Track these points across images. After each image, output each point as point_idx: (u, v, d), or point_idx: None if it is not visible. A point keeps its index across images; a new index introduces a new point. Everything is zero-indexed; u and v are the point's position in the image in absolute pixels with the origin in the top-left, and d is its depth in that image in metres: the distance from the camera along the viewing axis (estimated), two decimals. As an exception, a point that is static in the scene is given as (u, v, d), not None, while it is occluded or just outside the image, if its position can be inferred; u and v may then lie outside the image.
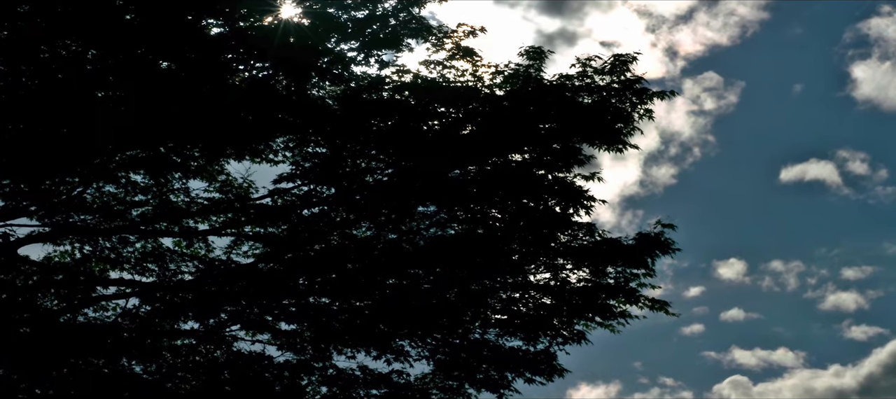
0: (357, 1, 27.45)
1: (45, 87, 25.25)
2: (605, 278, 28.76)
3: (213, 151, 27.77)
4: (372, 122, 27.65)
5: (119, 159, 27.35)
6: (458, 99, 27.87)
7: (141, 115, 25.73)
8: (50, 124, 25.32)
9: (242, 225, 28.76)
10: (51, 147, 25.71)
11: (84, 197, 27.96)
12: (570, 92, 28.01)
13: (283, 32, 26.38)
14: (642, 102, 28.18)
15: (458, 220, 28.47)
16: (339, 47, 27.52)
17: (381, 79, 28.02)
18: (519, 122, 27.67)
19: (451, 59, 28.29)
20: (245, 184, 28.93)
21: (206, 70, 26.15)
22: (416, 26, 27.98)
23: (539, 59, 28.20)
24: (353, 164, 28.12)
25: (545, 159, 28.21)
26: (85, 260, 28.89)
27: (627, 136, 28.44)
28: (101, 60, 25.84)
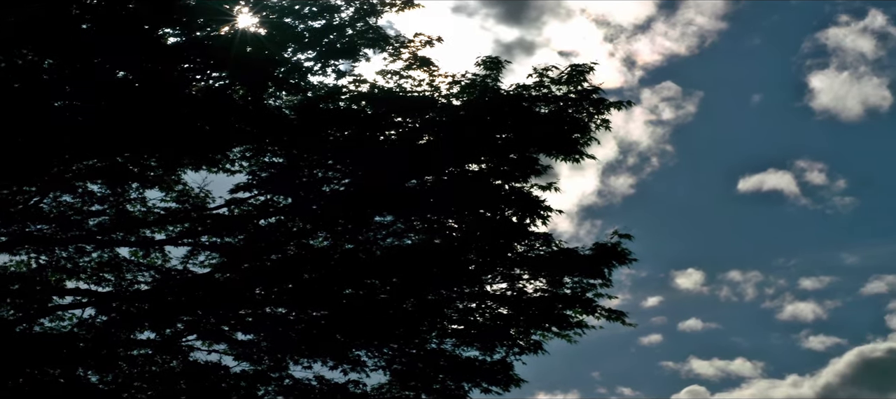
0: (314, 11, 27.85)
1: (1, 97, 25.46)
2: (561, 288, 29.14)
3: (170, 161, 28.04)
4: (329, 132, 28.00)
5: (76, 169, 27.56)
6: (415, 109, 28.30)
7: (98, 125, 26.00)
8: (6, 134, 25.53)
9: (199, 235, 29.03)
10: (7, 157, 25.92)
11: (40, 206, 28.18)
12: (526, 102, 28.43)
13: (240, 42, 26.72)
14: (599, 112, 28.57)
15: (414, 230, 28.84)
16: (296, 57, 27.91)
17: (338, 88, 28.41)
18: (476, 132, 28.07)
19: (409, 68, 28.74)
20: (202, 194, 29.20)
21: (163, 79, 26.44)
22: (373, 36, 28.41)
23: (496, 69, 28.65)
24: (309, 174, 28.43)
25: (502, 169, 28.61)
26: (41, 269, 29.07)
27: (584, 146, 28.85)
28: (58, 70, 26.08)
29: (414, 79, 28.70)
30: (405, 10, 28.80)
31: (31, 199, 27.90)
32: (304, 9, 27.81)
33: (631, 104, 28.89)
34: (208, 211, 29.19)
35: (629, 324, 29.49)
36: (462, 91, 28.60)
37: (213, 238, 29.04)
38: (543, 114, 28.50)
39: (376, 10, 28.42)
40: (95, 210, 28.78)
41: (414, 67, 28.70)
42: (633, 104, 29.20)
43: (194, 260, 29.25)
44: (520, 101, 28.36)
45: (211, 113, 26.89)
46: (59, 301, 28.93)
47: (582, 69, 28.45)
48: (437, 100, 28.47)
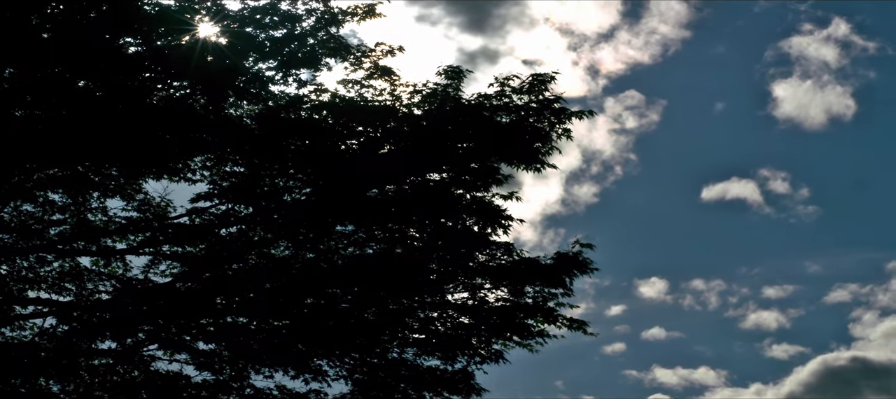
0: (275, 20, 28.23)
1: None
2: (523, 298, 29.48)
3: (132, 171, 28.32)
4: (290, 142, 28.32)
5: (36, 178, 27.85)
6: (377, 118, 28.67)
7: (58, 134, 26.27)
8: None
9: (160, 244, 29.31)
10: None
11: (1, 216, 28.46)
12: (488, 111, 28.77)
13: (201, 51, 27.07)
14: (561, 122, 28.88)
15: (376, 239, 29.18)
16: (257, 66, 28.29)
17: (300, 98, 28.75)
18: (437, 142, 28.43)
19: (370, 78, 29.14)
20: (163, 203, 29.54)
21: (124, 89, 26.72)
22: (334, 46, 28.79)
23: (457, 79, 29.01)
24: (271, 184, 28.74)
25: (463, 179, 28.96)
26: (2, 279, 29.26)
27: (546, 155, 29.15)
28: (18, 79, 26.34)
29: (375, 88, 29.07)
30: (367, 19, 29.19)
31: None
32: (265, 18, 28.18)
33: (593, 114, 29.25)
34: (169, 220, 29.50)
35: (591, 333, 29.87)
36: (423, 100, 28.97)
37: (175, 247, 29.34)
38: (504, 123, 28.84)
39: (338, 20, 28.78)
40: (56, 219, 29.13)
41: (375, 77, 29.09)
42: (596, 114, 29.59)
43: (155, 269, 29.54)
44: (481, 111, 28.70)
45: (172, 122, 27.16)
46: (20, 310, 29.28)
47: (543, 79, 28.81)
48: (399, 109, 28.83)
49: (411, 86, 29.02)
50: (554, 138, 28.98)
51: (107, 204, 29.20)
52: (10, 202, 28.35)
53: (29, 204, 28.66)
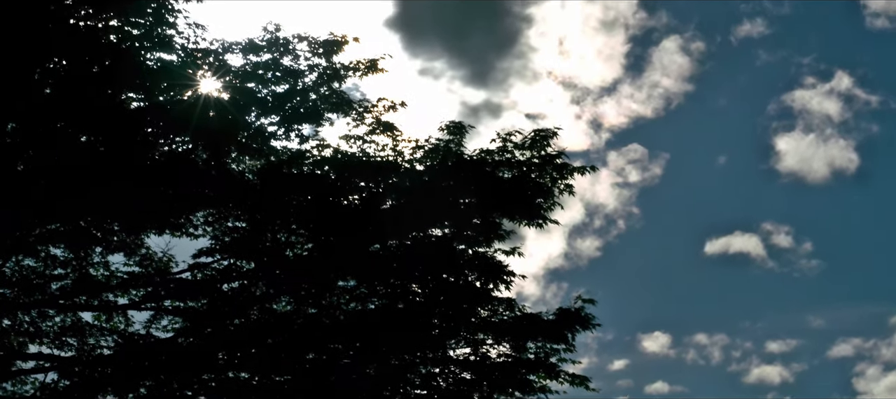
0: (277, 75, 27.99)
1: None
2: (525, 353, 29.04)
3: (133, 225, 27.98)
4: (292, 197, 28.00)
5: (38, 233, 27.47)
6: (379, 173, 28.36)
7: (60, 189, 26.00)
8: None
9: (162, 299, 28.85)
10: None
11: (3, 271, 28.04)
12: (490, 167, 28.51)
13: (203, 106, 26.82)
14: (563, 177, 28.62)
15: (378, 294, 28.76)
16: (259, 121, 28.02)
17: (302, 153, 28.48)
18: (439, 197, 28.08)
19: (372, 133, 28.87)
20: (165, 258, 29.21)
21: (126, 144, 26.44)
22: (336, 101, 28.57)
23: (459, 134, 28.73)
24: (272, 239, 28.43)
25: (465, 234, 28.63)
26: (4, 334, 28.85)
27: (548, 210, 28.85)
28: (20, 133, 26.11)
29: (377, 143, 28.87)
30: (369, 74, 28.97)
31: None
32: (267, 73, 27.95)
33: (595, 169, 28.99)
34: (171, 275, 29.10)
35: (592, 389, 29.33)
36: (426, 156, 28.68)
37: (177, 303, 28.82)
38: (507, 179, 28.55)
39: (340, 75, 28.57)
40: (58, 274, 28.70)
41: (377, 132, 28.85)
42: (598, 168, 29.32)
43: (157, 324, 29.06)
44: (483, 166, 28.44)
45: (174, 177, 26.82)
46: (21, 365, 28.75)
47: (545, 134, 28.56)
48: (401, 165, 28.56)
49: (414, 141, 28.80)
50: (556, 194, 28.73)
51: (108, 259, 28.94)
52: (11, 257, 27.93)
53: (30, 258, 28.27)
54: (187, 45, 27.13)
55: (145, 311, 29.06)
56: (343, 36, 28.58)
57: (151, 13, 26.50)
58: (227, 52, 27.73)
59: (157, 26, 26.60)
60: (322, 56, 28.41)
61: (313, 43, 28.35)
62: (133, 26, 26.53)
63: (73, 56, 25.85)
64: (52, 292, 28.82)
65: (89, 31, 25.97)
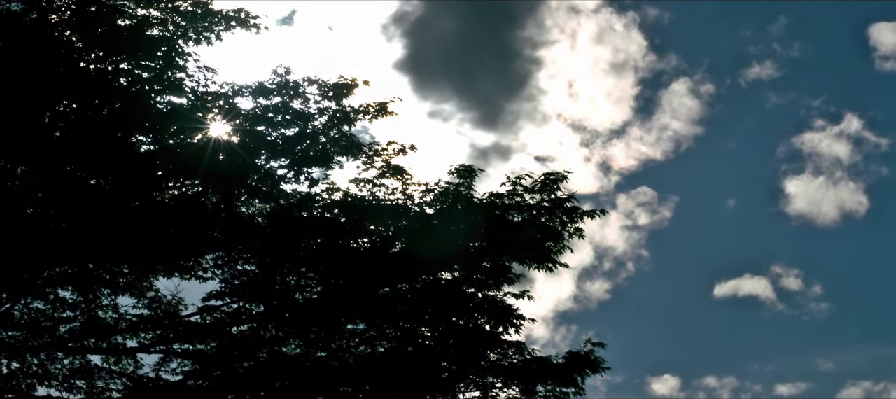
0: (287, 118, 27.50)
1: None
2: (534, 396, 28.35)
3: (142, 268, 27.47)
4: (302, 240, 27.50)
5: (47, 275, 26.92)
6: (388, 217, 27.81)
7: (69, 231, 25.56)
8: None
9: (171, 342, 28.21)
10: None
11: (12, 313, 27.45)
12: (500, 210, 27.99)
13: (213, 150, 26.34)
14: (573, 221, 28.11)
15: (387, 337, 28.14)
16: (268, 164, 27.49)
17: (311, 196, 27.95)
18: (449, 241, 27.51)
19: (382, 176, 28.33)
20: (174, 301, 28.57)
21: (136, 186, 26.01)
22: (346, 144, 28.07)
23: (469, 177, 28.21)
24: (282, 282, 27.90)
25: (475, 277, 28.08)
26: (12, 376, 28.27)
27: (558, 254, 28.29)
28: (29, 176, 25.69)
29: (387, 187, 28.30)
30: (379, 117, 28.50)
31: (2, 307, 27.17)
32: (277, 116, 27.46)
33: (605, 212, 28.45)
34: (181, 318, 28.49)
35: (603, 433, 28.86)
36: (436, 199, 28.13)
37: (186, 345, 28.20)
38: (517, 222, 28.04)
39: (350, 118, 28.09)
40: (67, 316, 28.11)
41: (387, 175, 28.32)
42: (608, 212, 28.74)
43: (166, 367, 28.37)
44: (493, 210, 27.93)
45: (183, 220, 26.36)
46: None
47: (556, 177, 28.07)
48: (411, 208, 28.02)
49: (424, 184, 28.25)
50: (566, 237, 28.19)
51: (117, 301, 28.29)
52: (20, 299, 27.35)
53: (39, 301, 27.65)
54: (197, 88, 26.75)
55: (154, 354, 28.44)
56: (353, 79, 28.12)
57: (162, 56, 26.15)
58: (238, 95, 27.31)
59: (167, 69, 26.24)
60: (332, 99, 27.93)
61: (323, 86, 27.88)
62: (143, 69, 26.19)
63: (83, 99, 25.44)
64: (60, 335, 28.22)
65: (99, 74, 25.60)
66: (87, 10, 25.34)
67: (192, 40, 26.71)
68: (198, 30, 26.80)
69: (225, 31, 27.14)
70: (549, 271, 28.38)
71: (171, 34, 26.50)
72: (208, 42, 26.95)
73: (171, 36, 26.46)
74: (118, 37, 25.62)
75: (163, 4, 26.58)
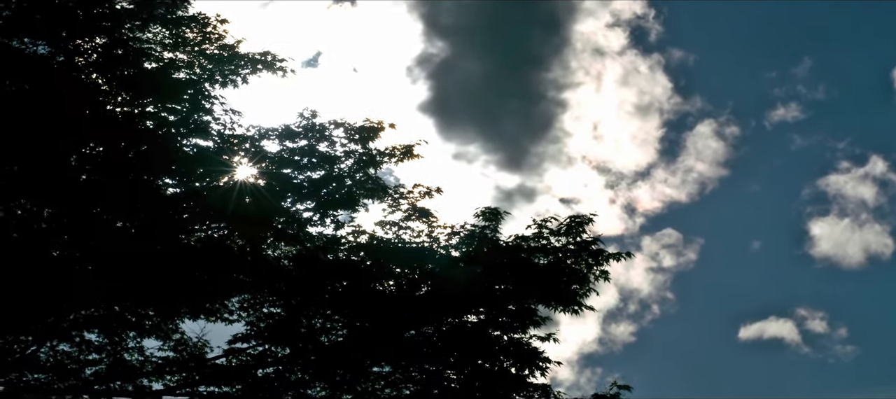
0: (313, 161, 26.77)
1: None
2: (561, 440, 27.58)
3: (168, 310, 26.75)
4: (327, 283, 26.71)
5: (73, 318, 26.23)
6: (414, 260, 27.00)
7: (95, 274, 24.87)
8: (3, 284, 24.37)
9: (197, 384, 27.41)
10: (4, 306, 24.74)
11: (38, 356, 26.74)
12: (525, 253, 27.16)
13: (239, 193, 25.59)
14: (598, 264, 27.28)
15: (413, 380, 27.26)
16: (294, 207, 26.71)
17: (337, 239, 27.14)
18: (474, 284, 26.69)
19: (408, 219, 27.51)
20: (200, 343, 27.81)
21: (162, 229, 25.30)
22: (372, 186, 27.28)
23: (495, 220, 27.43)
24: (308, 325, 27.11)
25: (501, 320, 27.23)
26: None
27: (583, 296, 27.45)
28: (56, 219, 25.01)
29: (413, 229, 27.47)
30: (405, 160, 27.74)
31: (29, 349, 26.47)
32: (303, 159, 26.72)
33: (630, 255, 27.54)
34: (206, 361, 27.71)
35: (628, 475, 27.89)
36: (461, 242, 27.34)
37: (212, 388, 27.40)
38: (542, 265, 27.17)
39: (376, 161, 27.32)
40: (92, 359, 27.43)
41: (413, 218, 27.49)
42: (633, 254, 27.84)
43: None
44: (518, 253, 27.10)
45: (209, 263, 25.60)
46: (56, 450, 27.51)
47: (581, 220, 27.24)
48: (436, 251, 27.19)
49: (449, 227, 27.47)
50: (592, 280, 27.37)
51: (143, 344, 27.58)
52: (46, 342, 26.67)
53: (65, 343, 26.94)
54: (224, 130, 26.03)
55: (180, 397, 27.68)
56: (379, 122, 27.35)
57: (188, 99, 25.47)
58: (264, 138, 26.56)
59: (193, 112, 25.54)
60: (358, 142, 27.16)
61: (349, 129, 27.13)
62: (170, 112, 25.50)
63: (110, 142, 24.74)
64: (86, 377, 27.61)
65: (126, 117, 24.92)
66: (113, 54, 24.69)
67: (218, 83, 26.08)
68: (224, 73, 26.15)
69: (251, 74, 26.48)
70: (574, 314, 27.53)
71: (197, 77, 25.84)
72: (234, 85, 26.34)
73: (197, 79, 25.80)
74: (145, 80, 24.96)
75: (190, 48, 25.97)
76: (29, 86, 23.80)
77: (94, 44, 24.73)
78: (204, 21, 25.96)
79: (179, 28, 25.71)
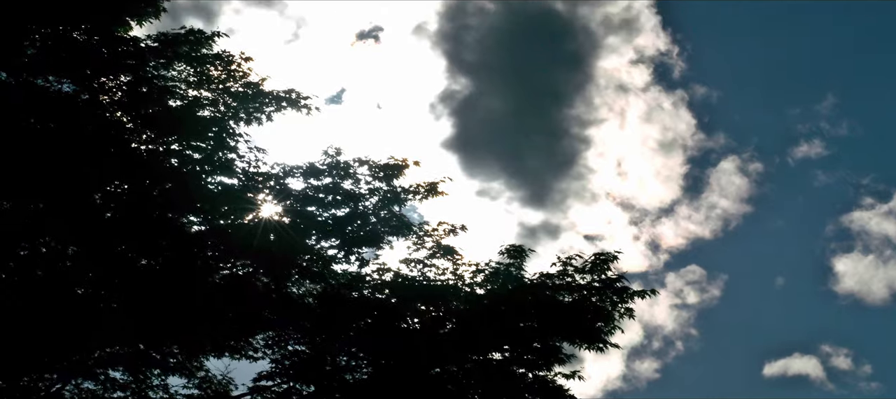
0: (338, 199, 26.01)
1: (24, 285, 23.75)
2: (586, 478, 26.70)
3: (193, 348, 25.95)
4: (352, 320, 25.93)
5: (98, 356, 25.41)
6: (439, 297, 26.20)
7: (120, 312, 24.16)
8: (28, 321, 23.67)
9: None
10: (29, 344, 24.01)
11: (63, 394, 25.88)
12: (550, 291, 26.33)
13: (264, 230, 24.84)
14: (623, 301, 26.44)
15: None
16: (319, 245, 25.94)
17: (362, 276, 26.34)
18: (499, 321, 25.86)
19: (432, 257, 26.71)
20: (224, 381, 26.88)
21: (186, 267, 24.56)
22: (396, 224, 26.48)
23: (520, 258, 26.67)
24: (332, 362, 26.29)
25: (525, 358, 26.37)
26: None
27: (608, 334, 26.58)
28: (81, 257, 24.32)
29: (438, 267, 26.68)
30: (429, 198, 26.97)
31: (54, 387, 25.67)
32: (328, 197, 25.95)
33: (655, 292, 26.69)
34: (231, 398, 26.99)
35: None
36: (486, 280, 26.58)
37: (236, 425, 26.74)
38: (567, 302, 26.37)
39: (400, 198, 26.53)
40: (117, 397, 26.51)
41: (438, 256, 26.71)
42: (658, 292, 26.97)
43: (217, 447, 26.88)
44: (543, 290, 26.30)
45: (234, 300, 24.86)
46: None
47: (606, 257, 26.46)
48: (461, 288, 26.42)
49: (474, 264, 26.71)
50: (616, 317, 26.53)
51: (168, 381, 26.65)
52: (71, 380, 25.85)
53: (90, 381, 26.01)
54: (248, 168, 25.27)
55: (205, 434, 26.87)
56: (403, 160, 26.54)
57: (213, 137, 24.71)
58: (288, 176, 25.81)
59: (218, 150, 24.79)
60: (382, 180, 26.36)
61: (374, 167, 26.33)
62: (194, 150, 24.76)
63: (134, 180, 24.05)
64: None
65: (150, 155, 24.20)
66: (138, 92, 24.01)
67: (243, 121, 25.31)
68: (249, 111, 25.40)
69: (276, 111, 25.70)
70: (599, 351, 26.64)
71: (222, 115, 25.10)
72: (259, 122, 25.55)
73: (222, 117, 25.07)
74: (169, 118, 24.25)
75: (214, 85, 25.22)
76: (54, 124, 23.16)
77: (119, 82, 24.05)
78: (228, 59, 25.22)
79: (204, 66, 24.96)
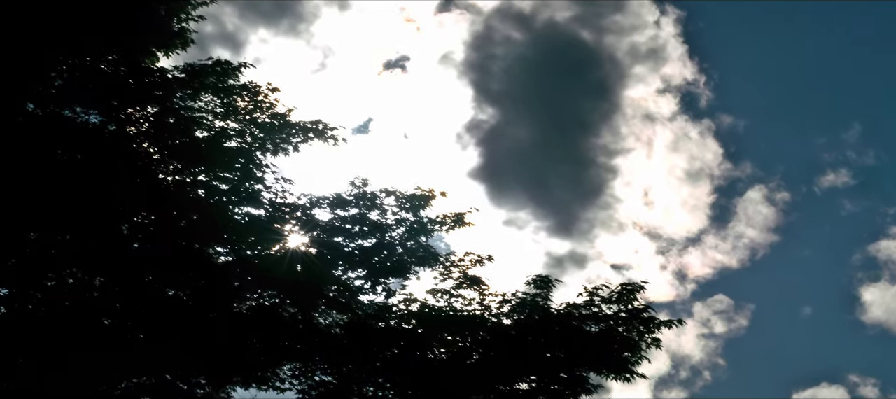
0: (364, 230, 25.40)
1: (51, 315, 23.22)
2: None
3: (220, 379, 25.27)
4: (379, 351, 25.28)
5: (125, 386, 24.80)
6: (465, 328, 25.54)
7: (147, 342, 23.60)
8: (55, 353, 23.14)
9: (249, 453, 26.11)
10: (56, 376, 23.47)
11: (89, 424, 25.46)
12: (576, 321, 25.64)
13: (291, 261, 24.30)
14: (650, 331, 25.73)
15: (464, 449, 25.83)
16: (346, 275, 25.32)
17: (388, 307, 25.67)
18: (525, 352, 25.20)
19: (459, 287, 26.05)
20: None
21: (213, 298, 24.01)
22: (423, 254, 25.85)
23: (546, 288, 25.95)
24: (359, 393, 25.62)
25: (552, 388, 25.62)
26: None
27: (635, 364, 25.85)
28: (108, 288, 23.77)
29: (464, 298, 26.03)
30: (456, 228, 26.36)
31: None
32: (354, 228, 25.35)
33: (682, 322, 26.07)
34: (257, 428, 26.38)
35: None
36: (513, 310, 25.91)
37: (263, 456, 26.10)
38: (593, 333, 25.69)
39: (427, 229, 25.93)
40: (144, 428, 26.08)
41: (464, 286, 26.08)
42: (685, 322, 26.32)
43: (243, 478, 26.30)
44: (570, 320, 25.63)
45: (261, 331, 24.29)
46: None
47: (632, 287, 25.80)
48: (488, 319, 25.77)
49: (501, 295, 26.04)
50: (643, 348, 25.83)
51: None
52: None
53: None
54: (275, 199, 24.70)
55: (231, 465, 26.23)
56: (430, 190, 25.94)
57: (239, 168, 24.17)
58: (315, 207, 25.24)
59: (245, 181, 24.23)
60: (409, 210, 25.76)
61: (400, 197, 25.73)
62: (221, 181, 24.23)
63: (161, 211, 23.50)
64: (137, 445, 26.14)
65: (177, 186, 23.66)
66: (165, 122, 23.48)
67: (269, 151, 24.77)
68: (275, 141, 24.83)
69: (302, 142, 25.12)
70: (626, 381, 25.92)
71: (248, 146, 24.54)
72: (286, 153, 25.00)
73: (248, 148, 24.51)
74: (196, 149, 23.71)
75: (241, 116, 24.67)
76: (81, 155, 22.65)
77: (146, 113, 23.56)
78: (255, 90, 24.68)
79: (231, 97, 24.42)
